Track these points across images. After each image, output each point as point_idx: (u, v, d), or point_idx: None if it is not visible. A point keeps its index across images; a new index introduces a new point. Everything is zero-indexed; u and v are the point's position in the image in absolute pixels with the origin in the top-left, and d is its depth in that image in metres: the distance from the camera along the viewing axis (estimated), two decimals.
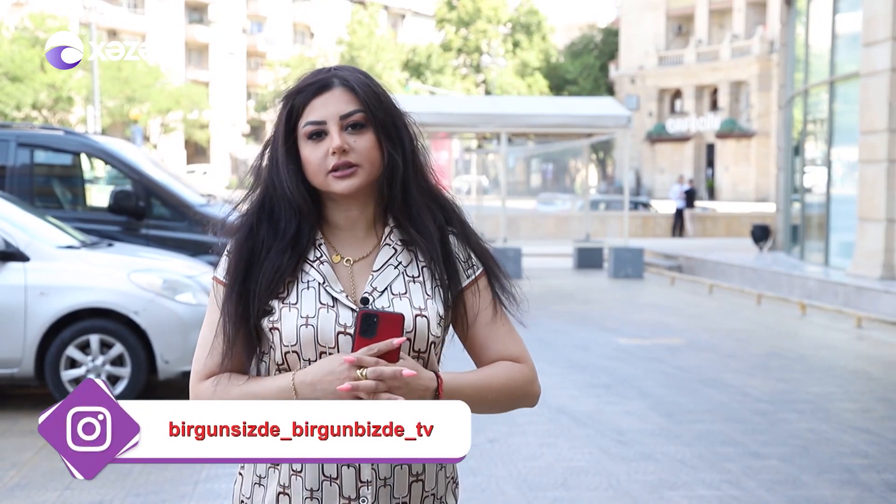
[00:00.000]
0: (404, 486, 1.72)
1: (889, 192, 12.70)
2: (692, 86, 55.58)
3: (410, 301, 1.73)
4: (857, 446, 5.92)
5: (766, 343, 9.90)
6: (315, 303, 1.70)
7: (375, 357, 1.60)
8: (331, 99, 1.72)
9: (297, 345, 1.68)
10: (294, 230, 1.73)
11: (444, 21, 67.08)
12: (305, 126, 1.72)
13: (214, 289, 1.78)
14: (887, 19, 12.67)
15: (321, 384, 1.62)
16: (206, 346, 1.74)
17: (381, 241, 1.78)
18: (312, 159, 1.72)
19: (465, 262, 1.81)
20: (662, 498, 4.92)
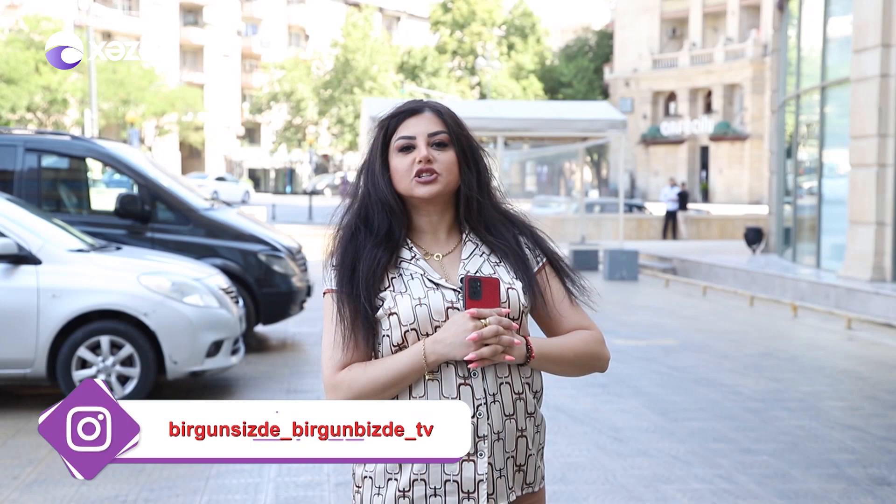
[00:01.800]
0: (514, 440, 1.98)
1: (879, 195, 12.91)
2: (686, 88, 55.80)
3: (501, 278, 2.02)
4: (844, 442, 6.12)
5: (759, 344, 10.11)
6: (422, 288, 1.99)
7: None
8: (421, 120, 2.05)
9: (415, 322, 1.95)
10: (386, 228, 2.02)
11: (439, 23, 67.18)
12: (398, 140, 2.04)
13: (326, 301, 2.04)
14: (877, 26, 12.89)
15: (451, 338, 1.89)
16: (331, 347, 2.00)
17: (463, 239, 2.09)
18: (400, 167, 2.02)
19: (532, 254, 2.11)
20: (657, 492, 5.11)
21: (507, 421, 1.97)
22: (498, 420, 1.95)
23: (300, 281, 9.43)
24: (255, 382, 7.83)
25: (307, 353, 9.25)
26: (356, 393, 1.95)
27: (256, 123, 71.74)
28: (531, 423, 2.02)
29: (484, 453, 1.93)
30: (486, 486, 1.94)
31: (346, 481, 5.19)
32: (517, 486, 2.01)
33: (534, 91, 62.46)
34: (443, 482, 1.94)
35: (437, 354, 1.90)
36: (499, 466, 1.96)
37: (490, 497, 1.95)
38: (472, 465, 1.93)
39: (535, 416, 2.03)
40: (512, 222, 2.14)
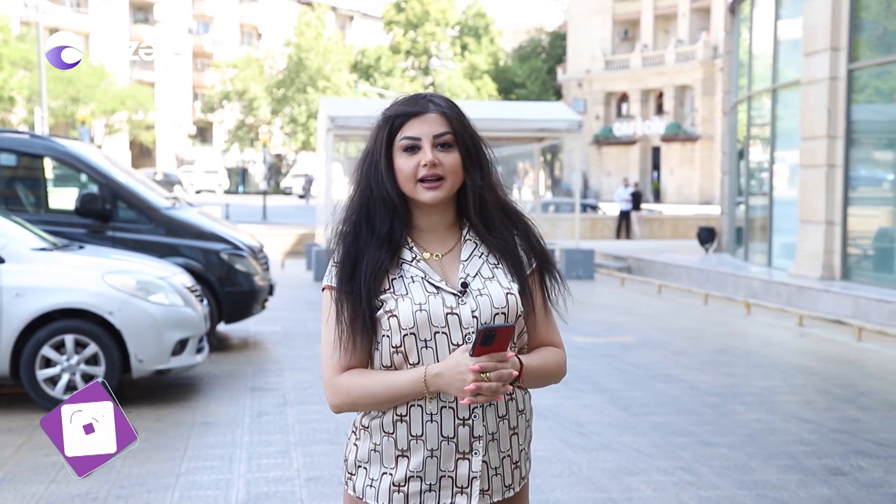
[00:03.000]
0: (507, 439, 2.04)
1: (828, 195, 13.21)
2: (638, 90, 56.39)
3: (499, 282, 2.06)
4: (799, 435, 6.30)
5: (714, 340, 10.32)
6: (423, 292, 2.01)
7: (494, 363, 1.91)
8: (426, 120, 2.04)
9: (415, 327, 1.98)
10: (388, 227, 2.04)
11: (393, 23, 67.16)
12: (402, 140, 2.04)
13: (326, 297, 2.07)
14: (826, 31, 13.18)
15: (450, 379, 1.92)
16: (331, 346, 2.04)
17: (462, 237, 2.11)
18: (405, 168, 2.03)
19: (526, 256, 2.13)
20: (622, 483, 5.24)
21: (501, 422, 2.04)
22: (492, 421, 2.02)
23: (262, 280, 9.45)
24: (218, 381, 7.84)
25: (269, 352, 9.27)
26: (353, 400, 2.01)
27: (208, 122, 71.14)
28: (522, 419, 2.09)
29: (478, 452, 2.00)
30: (480, 482, 2.01)
31: (316, 476, 5.25)
32: (515, 482, 2.09)
33: (488, 91, 62.71)
34: (437, 478, 2.00)
35: (436, 387, 1.95)
36: (494, 465, 2.03)
37: (485, 493, 2.02)
38: (466, 463, 2.00)
39: (524, 412, 2.10)
40: (510, 219, 2.15)
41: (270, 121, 60.60)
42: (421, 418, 1.99)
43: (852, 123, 13.14)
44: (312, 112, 57.66)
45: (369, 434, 2.04)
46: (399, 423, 2.00)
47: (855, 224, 13.30)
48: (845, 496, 5.04)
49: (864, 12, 13.35)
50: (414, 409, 1.99)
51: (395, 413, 2.00)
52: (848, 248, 13.26)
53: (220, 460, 5.56)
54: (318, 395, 7.27)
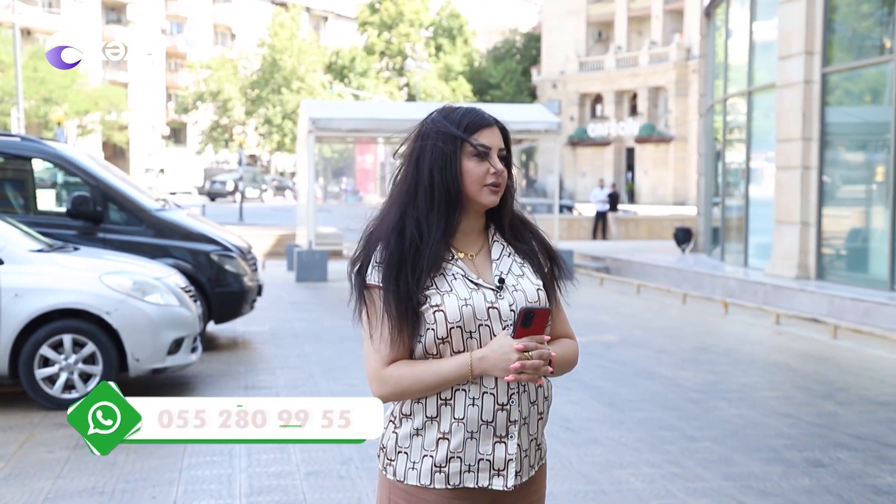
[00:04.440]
0: (535, 423, 2.23)
1: (803, 196, 13.49)
2: (612, 91, 56.81)
3: (529, 279, 2.26)
4: (780, 429, 6.53)
5: (694, 339, 10.55)
6: (466, 288, 2.18)
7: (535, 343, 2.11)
8: (493, 133, 2.24)
9: (461, 320, 2.14)
10: (444, 225, 2.19)
11: (367, 24, 67.22)
12: (477, 146, 2.20)
13: (372, 295, 2.19)
14: (800, 35, 13.47)
15: (495, 361, 2.10)
16: (377, 341, 2.18)
17: (490, 239, 2.29)
18: (476, 172, 2.20)
19: (542, 257, 2.33)
20: (612, 476, 5.42)
21: (532, 407, 2.22)
22: (525, 407, 2.20)
23: (251, 280, 9.58)
24: (212, 380, 7.97)
25: (259, 352, 9.39)
26: (403, 389, 2.16)
27: (182, 123, 70.94)
28: (546, 405, 2.28)
29: (514, 436, 2.18)
30: (515, 464, 2.19)
31: (315, 471, 5.40)
32: (536, 462, 2.28)
33: (462, 92, 62.90)
34: (476, 460, 2.17)
35: (481, 370, 2.12)
36: (524, 447, 2.21)
37: (517, 474, 2.20)
38: (503, 447, 2.17)
39: (548, 399, 2.29)
40: (525, 225, 2.35)
41: (245, 122, 60.50)
42: (464, 402, 2.15)
43: (826, 126, 13.43)
44: (287, 113, 57.66)
45: (411, 420, 2.20)
46: (444, 407, 2.16)
47: (829, 224, 13.59)
48: (826, 487, 5.26)
49: (837, 15, 13.65)
50: (458, 394, 2.15)
51: (439, 398, 2.16)
52: (822, 248, 13.55)
53: (221, 455, 5.70)
54: (311, 393, 7.42)
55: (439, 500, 2.17)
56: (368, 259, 2.21)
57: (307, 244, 16.58)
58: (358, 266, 2.23)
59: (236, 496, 5.00)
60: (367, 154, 35.00)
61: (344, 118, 16.96)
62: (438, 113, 2.26)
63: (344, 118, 16.96)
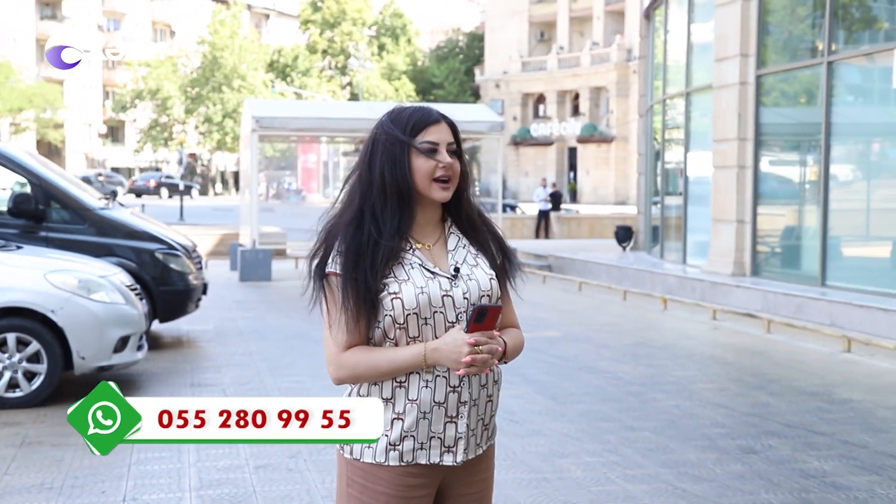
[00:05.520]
0: (484, 405, 2.36)
1: (739, 195, 13.84)
2: (554, 91, 57.35)
3: (483, 269, 2.38)
4: (715, 419, 6.76)
5: (634, 334, 10.80)
6: (422, 277, 2.30)
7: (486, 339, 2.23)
8: (442, 129, 2.34)
9: (417, 308, 2.27)
10: (398, 219, 2.31)
11: (309, 22, 66.99)
12: (423, 143, 2.31)
13: (331, 282, 2.31)
14: (736, 38, 13.82)
15: (448, 353, 2.22)
16: (335, 327, 2.29)
17: (446, 231, 2.42)
18: (424, 168, 2.31)
19: (495, 250, 2.46)
20: (554, 465, 5.59)
21: (482, 390, 2.35)
22: (476, 390, 2.33)
23: (196, 279, 9.59)
24: (158, 378, 7.99)
25: (204, 350, 9.41)
26: (359, 374, 2.29)
27: (120, 121, 70.00)
28: (496, 389, 2.41)
29: (464, 416, 2.31)
30: (463, 442, 2.33)
31: (264, 464, 5.48)
32: (483, 442, 2.42)
33: (406, 92, 63.00)
34: (428, 438, 2.30)
35: (434, 360, 2.25)
36: (472, 427, 2.35)
37: (465, 451, 2.34)
38: (453, 426, 2.31)
39: (498, 382, 2.42)
40: (481, 219, 2.47)
41: (185, 120, 59.89)
42: (417, 384, 2.28)
43: (761, 126, 13.79)
44: (228, 111, 57.23)
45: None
46: (398, 389, 2.29)
47: (764, 222, 13.96)
48: (757, 472, 5.48)
49: (771, 19, 14.03)
50: (412, 377, 2.28)
51: (394, 381, 2.29)
52: (757, 245, 13.92)
53: (169, 451, 5.75)
54: (257, 391, 7.49)
55: (394, 476, 2.30)
56: (328, 251, 2.32)
57: (251, 243, 16.55)
58: (318, 257, 2.34)
59: (186, 489, 5.07)
60: (310, 153, 34.81)
61: (288, 117, 16.98)
62: (388, 115, 2.38)
63: (288, 117, 16.98)
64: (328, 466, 5.45)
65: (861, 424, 6.62)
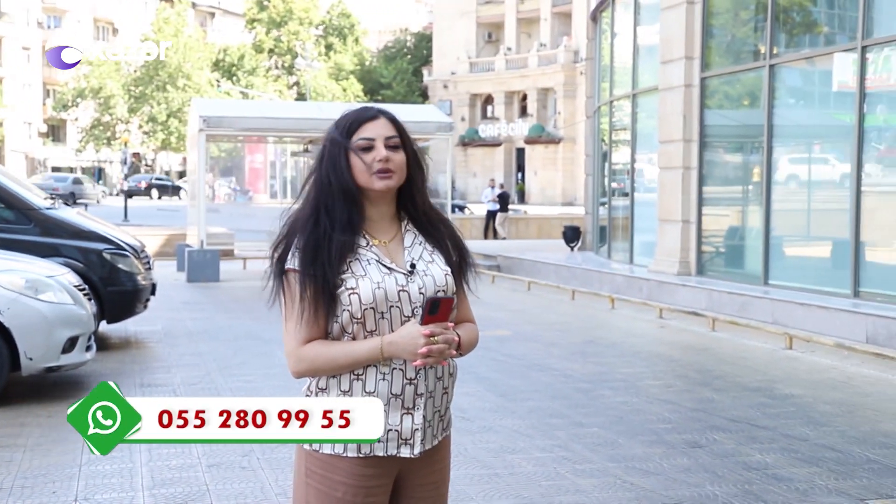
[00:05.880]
0: (440, 397, 2.42)
1: (684, 196, 14.07)
2: (502, 92, 57.64)
3: (438, 265, 2.44)
4: (662, 414, 6.90)
5: (583, 333, 10.94)
6: (379, 273, 2.36)
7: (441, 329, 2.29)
8: (379, 124, 2.41)
9: (374, 302, 2.33)
10: (347, 215, 2.37)
11: (255, 21, 66.54)
12: (359, 140, 2.39)
13: (290, 278, 2.36)
14: (680, 41, 14.04)
15: (404, 345, 2.29)
16: (294, 321, 2.35)
17: (403, 227, 2.48)
18: (361, 164, 2.38)
19: (451, 247, 2.52)
20: (505, 461, 5.67)
21: (438, 382, 2.42)
22: (431, 382, 2.40)
23: (145, 279, 9.52)
24: (107, 378, 7.90)
25: (153, 351, 9.36)
26: (317, 367, 2.35)
27: (61, 120, 68.81)
28: (451, 381, 2.48)
29: (420, 408, 2.37)
30: (420, 433, 2.39)
31: (217, 463, 5.49)
32: (439, 433, 2.48)
33: (354, 92, 62.87)
34: (386, 431, 2.35)
35: (390, 353, 2.31)
36: (429, 419, 2.41)
37: (422, 442, 2.40)
38: (410, 418, 2.37)
39: (453, 375, 2.49)
40: (438, 216, 2.54)
41: (128, 119, 59.10)
42: (375, 377, 2.34)
43: (705, 128, 14.04)
44: (173, 111, 56.62)
45: (326, 394, 2.37)
46: (356, 382, 2.35)
47: (708, 223, 14.21)
48: (702, 465, 5.61)
49: (715, 22, 14.29)
50: (370, 370, 2.34)
51: (352, 374, 2.35)
52: (702, 245, 14.16)
53: (120, 451, 5.71)
54: (208, 391, 7.47)
55: (351, 467, 2.35)
56: (289, 247, 2.39)
57: (199, 244, 16.44)
58: (279, 253, 2.40)
59: (139, 489, 5.06)
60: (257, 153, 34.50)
61: (236, 116, 16.90)
62: (335, 121, 2.46)
63: (236, 116, 16.90)
64: (281, 464, 5.47)
65: (802, 418, 6.81)
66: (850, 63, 11.47)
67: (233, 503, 4.88)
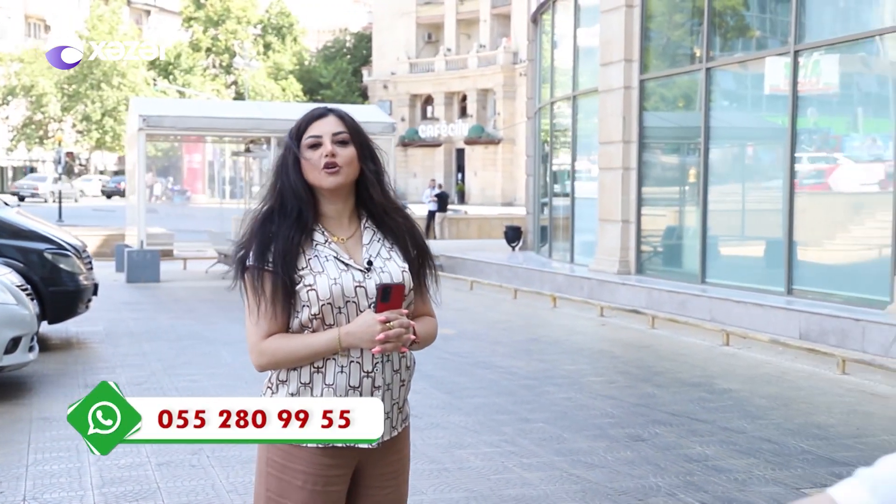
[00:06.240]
0: (398, 389, 2.49)
1: (624, 196, 14.31)
2: (442, 92, 57.78)
3: (396, 262, 2.50)
4: (605, 409, 7.05)
5: (526, 331, 11.09)
6: (336, 269, 2.42)
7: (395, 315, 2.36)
8: (326, 122, 2.49)
9: (331, 298, 2.39)
10: (297, 212, 2.44)
11: (192, 20, 65.76)
12: (307, 138, 2.46)
13: (250, 275, 2.42)
14: (620, 44, 14.29)
15: (361, 334, 2.35)
16: (255, 316, 2.41)
17: (362, 224, 2.54)
18: (310, 162, 2.45)
19: (409, 243, 2.58)
20: (453, 456, 5.77)
21: (395, 374, 2.48)
22: (388, 374, 2.46)
23: (87, 279, 9.43)
24: (49, 379, 7.85)
25: (95, 351, 9.27)
26: (278, 360, 2.41)
27: None
28: (408, 373, 2.55)
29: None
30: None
31: (167, 461, 5.50)
32: (399, 424, 2.55)
33: (293, 92, 62.49)
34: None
35: (348, 343, 2.38)
36: (387, 410, 2.47)
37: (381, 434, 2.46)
38: None
39: (410, 368, 2.56)
40: (398, 212, 2.59)
41: (61, 118, 58.00)
42: (334, 370, 2.41)
43: (644, 129, 14.30)
44: (107, 109, 55.74)
45: (286, 385, 2.44)
46: (316, 374, 2.41)
47: (647, 223, 14.47)
48: (645, 458, 5.77)
49: (653, 25, 14.55)
50: (329, 363, 2.41)
51: (312, 366, 2.41)
52: (642, 245, 14.42)
53: (67, 451, 5.70)
54: (154, 391, 7.44)
55: (311, 457, 2.41)
56: (249, 245, 2.45)
57: (139, 244, 16.26)
58: (241, 252, 2.47)
59: (88, 488, 5.05)
60: (195, 153, 34.03)
61: (177, 116, 16.75)
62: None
63: (177, 116, 16.75)
64: (231, 462, 5.50)
65: (739, 412, 7.01)
66: (783, 67, 11.79)
67: (184, 500, 4.90)
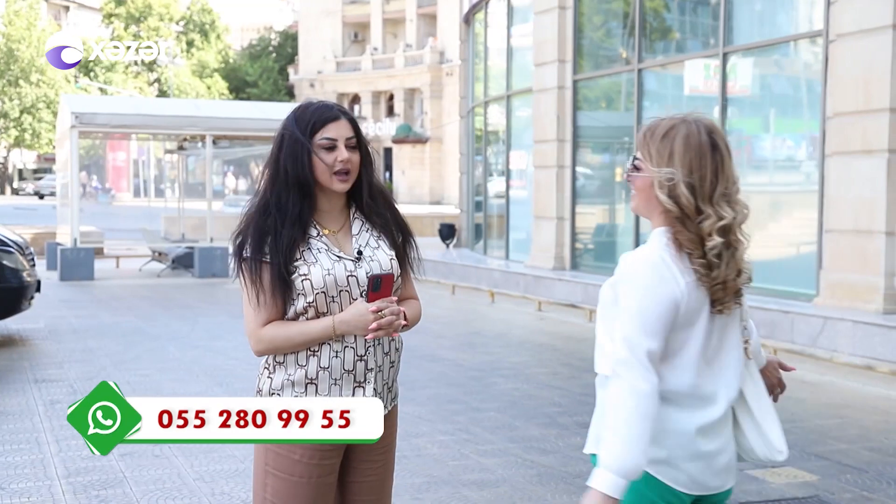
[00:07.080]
0: (388, 371, 2.64)
1: (559, 193, 14.62)
2: (369, 92, 57.77)
3: (384, 251, 2.66)
4: (552, 399, 7.30)
5: (467, 325, 11.32)
6: (329, 260, 2.57)
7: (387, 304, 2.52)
8: (340, 126, 2.61)
9: (325, 287, 2.54)
10: (299, 209, 2.57)
11: (113, 16, 64.62)
12: (323, 139, 2.58)
13: (247, 266, 2.55)
14: (553, 44, 14.59)
15: (355, 322, 2.50)
16: (254, 306, 2.55)
17: (351, 217, 2.69)
18: (323, 164, 2.58)
19: (396, 232, 2.74)
20: (411, 444, 5.94)
21: (385, 357, 2.65)
22: (380, 357, 2.63)
23: (30, 276, 9.36)
24: None
25: (40, 348, 9.21)
26: (276, 346, 2.56)
27: None
28: (398, 356, 2.71)
29: (371, 381, 2.60)
30: None
31: (130, 452, 5.56)
32: (388, 402, 2.71)
33: (218, 90, 61.83)
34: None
35: (342, 331, 2.53)
36: (379, 391, 2.64)
37: None
38: (361, 391, 2.60)
39: (399, 350, 2.72)
40: (386, 203, 2.75)
41: None
42: (328, 354, 2.56)
43: (578, 128, 14.62)
44: (26, 106, 54.50)
45: (284, 367, 2.59)
46: (311, 357, 2.57)
47: (581, 220, 14.80)
48: None
49: (586, 27, 14.90)
50: (324, 347, 2.56)
51: (308, 350, 2.57)
52: (576, 241, 14.75)
53: (28, 444, 5.73)
54: None
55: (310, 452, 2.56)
56: (246, 237, 2.59)
57: (72, 242, 16.06)
58: (239, 241, 2.60)
59: (54, 477, 5.10)
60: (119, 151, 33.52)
61: (110, 113, 16.58)
62: (293, 113, 2.64)
63: (110, 113, 16.58)
64: (193, 451, 5.57)
65: None
66: (713, 69, 12.21)
67: (151, 488, 4.98)
